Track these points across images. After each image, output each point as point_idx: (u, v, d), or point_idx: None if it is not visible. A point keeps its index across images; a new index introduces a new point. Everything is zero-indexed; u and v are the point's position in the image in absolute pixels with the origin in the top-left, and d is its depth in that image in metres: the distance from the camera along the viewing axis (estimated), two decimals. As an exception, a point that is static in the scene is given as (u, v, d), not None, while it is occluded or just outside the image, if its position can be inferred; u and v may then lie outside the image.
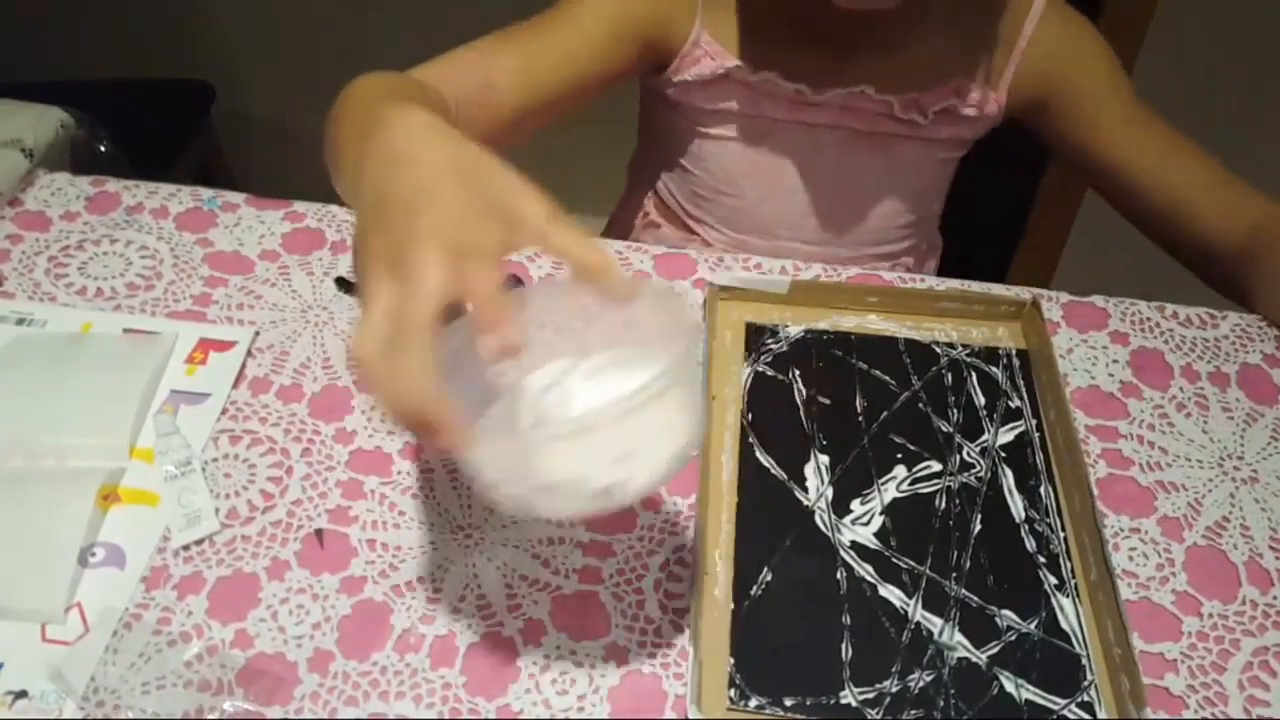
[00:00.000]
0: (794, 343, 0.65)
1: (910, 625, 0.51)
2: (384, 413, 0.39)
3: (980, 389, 0.62)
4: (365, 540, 0.53)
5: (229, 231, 0.69)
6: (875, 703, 0.49)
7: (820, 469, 0.58)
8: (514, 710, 0.48)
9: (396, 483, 0.56)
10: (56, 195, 0.71)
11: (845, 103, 0.74)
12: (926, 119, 0.74)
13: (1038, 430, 0.60)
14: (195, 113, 1.52)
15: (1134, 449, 0.60)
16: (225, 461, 0.56)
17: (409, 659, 0.49)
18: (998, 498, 0.57)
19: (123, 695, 0.46)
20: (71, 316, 0.63)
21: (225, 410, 0.59)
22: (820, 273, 0.69)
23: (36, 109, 0.77)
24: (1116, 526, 0.56)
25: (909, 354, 0.64)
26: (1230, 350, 0.66)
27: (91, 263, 0.67)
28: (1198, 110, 1.31)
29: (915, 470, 0.58)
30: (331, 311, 0.65)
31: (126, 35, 1.63)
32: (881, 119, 0.74)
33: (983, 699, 0.49)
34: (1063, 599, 0.53)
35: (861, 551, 0.54)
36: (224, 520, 0.54)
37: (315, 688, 0.48)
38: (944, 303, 0.66)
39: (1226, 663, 0.51)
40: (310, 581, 0.52)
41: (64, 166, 0.76)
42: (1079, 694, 0.49)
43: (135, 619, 0.50)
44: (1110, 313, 0.68)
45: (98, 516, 0.54)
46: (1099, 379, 0.64)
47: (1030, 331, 0.65)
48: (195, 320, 0.64)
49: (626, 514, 0.55)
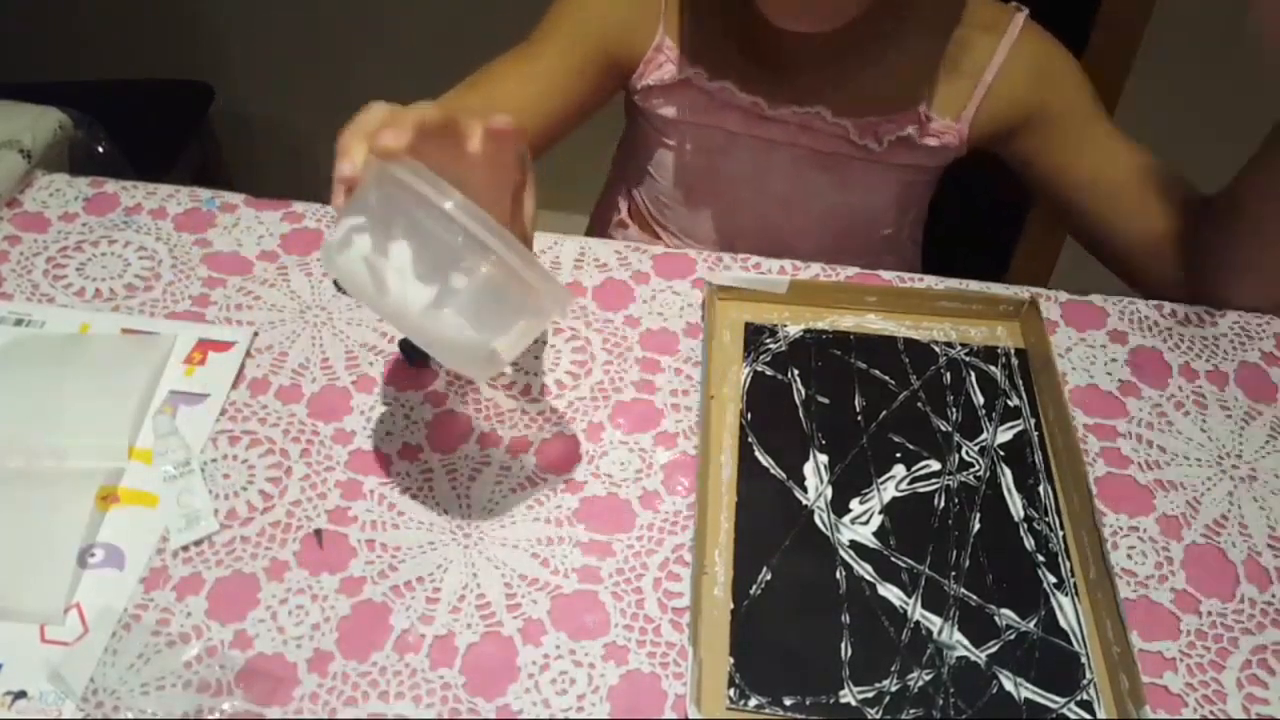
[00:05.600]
0: (793, 342, 0.65)
1: (909, 624, 0.51)
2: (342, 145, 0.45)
3: (979, 388, 0.62)
4: (364, 540, 0.53)
5: (227, 232, 0.69)
6: (875, 702, 0.49)
7: (819, 468, 0.58)
8: (514, 710, 0.48)
9: (396, 483, 0.56)
10: (55, 196, 0.71)
11: (801, 121, 0.74)
12: (881, 146, 0.74)
13: (1036, 429, 0.60)
14: (194, 113, 1.52)
15: (1132, 448, 0.60)
16: (224, 462, 0.56)
17: (409, 659, 0.49)
18: (996, 497, 0.57)
19: (122, 696, 0.46)
20: (70, 317, 0.63)
21: (224, 411, 0.59)
22: (819, 272, 0.69)
23: (35, 109, 0.77)
24: (1115, 525, 0.56)
25: (908, 353, 0.64)
26: (1229, 349, 0.66)
27: (90, 264, 0.67)
28: (1195, 113, 1.31)
29: (914, 469, 0.58)
30: (330, 312, 0.65)
31: (125, 36, 1.63)
32: (837, 141, 0.74)
33: (982, 698, 0.49)
34: (1062, 598, 0.53)
35: (861, 551, 0.54)
36: (223, 521, 0.54)
37: (315, 688, 0.48)
38: (943, 302, 0.67)
39: (1225, 661, 0.51)
40: (309, 582, 0.52)
41: (62, 167, 0.76)
42: (1078, 692, 0.49)
43: (134, 620, 0.50)
44: (1109, 311, 0.68)
45: (97, 517, 0.54)
46: (1097, 378, 0.64)
47: (1029, 330, 0.65)
48: (194, 321, 0.64)
49: (626, 514, 0.55)
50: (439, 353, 0.48)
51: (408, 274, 0.44)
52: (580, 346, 0.63)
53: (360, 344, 0.63)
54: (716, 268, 0.69)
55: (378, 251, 0.44)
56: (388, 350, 0.62)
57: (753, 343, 0.64)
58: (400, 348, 0.62)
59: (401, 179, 0.43)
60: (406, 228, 0.44)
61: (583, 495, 0.56)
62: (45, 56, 1.66)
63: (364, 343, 0.63)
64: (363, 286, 0.45)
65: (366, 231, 0.45)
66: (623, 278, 0.68)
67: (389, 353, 0.62)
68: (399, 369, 0.61)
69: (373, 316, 0.64)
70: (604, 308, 0.66)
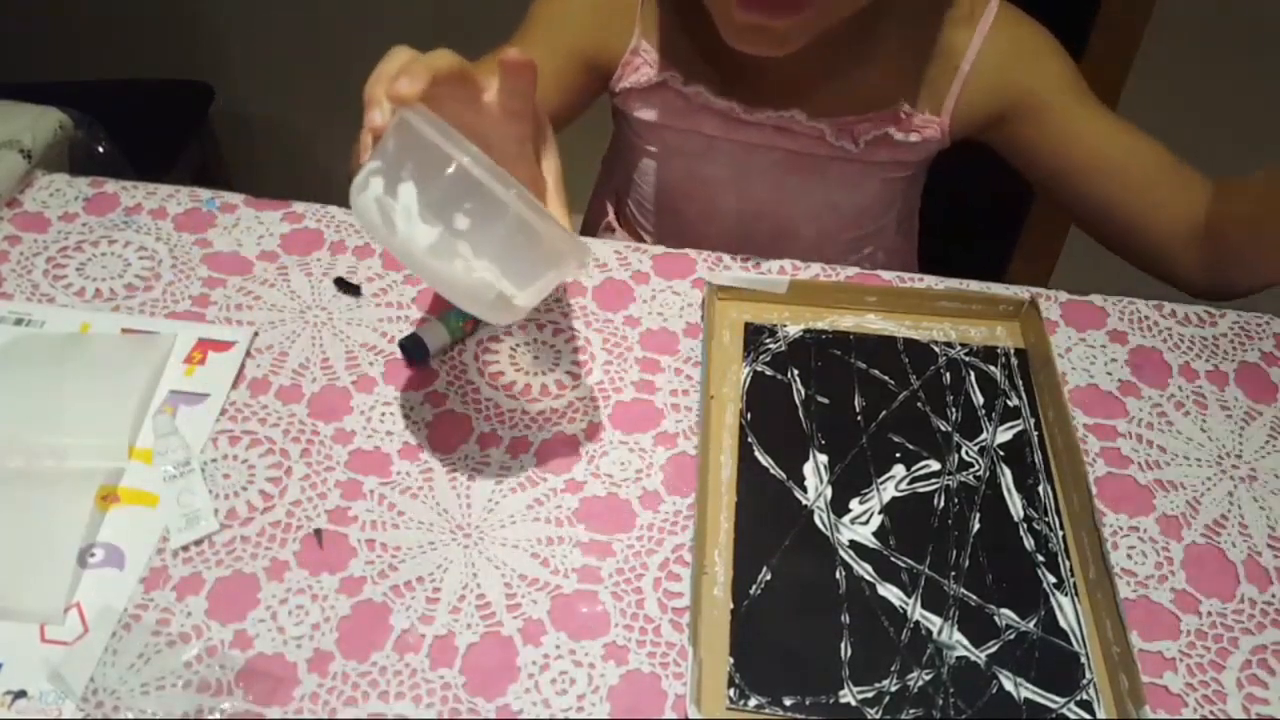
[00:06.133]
0: (793, 342, 0.65)
1: (909, 624, 0.51)
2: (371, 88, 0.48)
3: (979, 388, 0.62)
4: (364, 540, 0.53)
5: (227, 232, 0.69)
6: (874, 702, 0.49)
7: (819, 468, 0.58)
8: (514, 710, 0.48)
9: (396, 483, 0.56)
10: (55, 196, 0.71)
11: (778, 124, 0.74)
12: (858, 146, 0.74)
13: (1036, 429, 0.60)
14: (194, 113, 1.52)
15: (1132, 448, 0.60)
16: (224, 462, 0.56)
17: (408, 659, 0.49)
18: (996, 497, 0.57)
19: (122, 696, 0.46)
20: (70, 317, 0.63)
21: (224, 411, 0.59)
22: (819, 273, 0.69)
23: (35, 109, 0.77)
24: (1115, 525, 0.56)
25: (908, 353, 0.64)
26: (1229, 348, 0.66)
27: (90, 264, 0.67)
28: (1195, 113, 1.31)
29: (914, 469, 0.58)
30: (330, 312, 0.65)
31: (125, 35, 1.63)
32: (814, 142, 0.74)
33: (982, 698, 0.49)
34: (1061, 598, 0.53)
35: (860, 551, 0.54)
36: (223, 521, 0.54)
37: (315, 688, 0.48)
38: (942, 302, 0.67)
39: (1225, 661, 0.51)
40: (309, 582, 0.52)
41: (62, 167, 0.76)
42: (1078, 692, 0.49)
43: (134, 619, 0.50)
44: (1109, 311, 0.68)
45: (97, 517, 0.54)
46: (1097, 378, 0.64)
47: (1029, 330, 0.65)
48: (194, 321, 0.64)
49: (626, 514, 0.55)
50: (448, 294, 0.50)
51: (413, 215, 0.46)
52: (580, 346, 0.63)
53: (360, 344, 0.63)
54: (716, 268, 0.69)
55: (389, 193, 0.47)
56: (388, 350, 0.62)
57: (752, 343, 0.64)
58: (400, 347, 0.62)
59: (413, 125, 0.46)
60: (414, 171, 0.46)
61: (583, 495, 0.56)
62: (45, 56, 1.66)
63: (364, 343, 0.63)
64: (374, 226, 0.48)
65: (382, 175, 0.47)
66: (622, 278, 0.68)
67: (389, 353, 0.62)
68: (399, 369, 0.62)
69: (373, 316, 0.64)
70: (604, 308, 0.66)
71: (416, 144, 0.46)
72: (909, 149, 0.75)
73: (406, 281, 0.67)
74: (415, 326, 0.63)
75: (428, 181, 0.46)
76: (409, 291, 0.66)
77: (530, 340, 0.64)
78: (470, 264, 0.47)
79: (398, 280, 0.67)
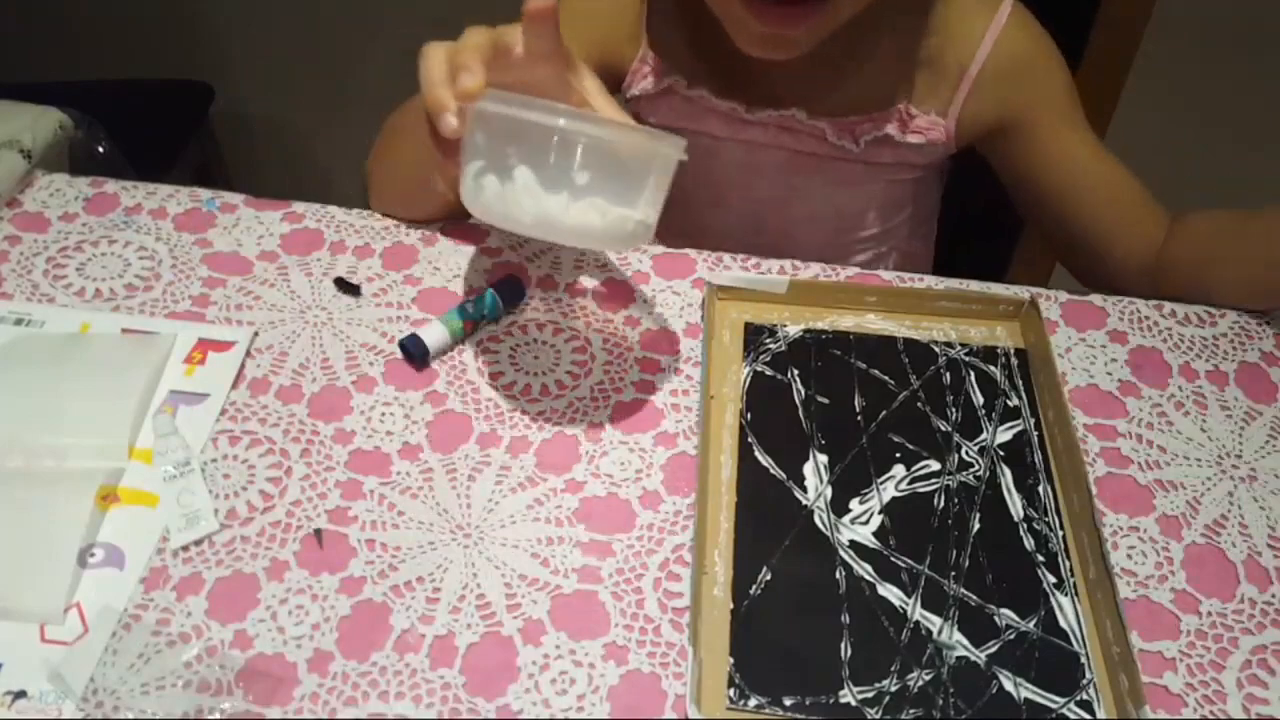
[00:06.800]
0: (793, 342, 0.65)
1: (909, 624, 0.51)
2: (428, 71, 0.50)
3: (979, 388, 0.62)
4: (364, 540, 0.53)
5: (228, 232, 0.69)
6: (874, 702, 0.49)
7: (819, 468, 0.58)
8: (514, 710, 0.48)
9: (396, 483, 0.56)
10: (55, 196, 0.71)
11: (780, 124, 0.74)
12: (859, 146, 0.74)
13: (1036, 429, 0.60)
14: (194, 113, 1.52)
15: (1132, 448, 0.60)
16: (224, 462, 0.56)
17: (408, 659, 0.49)
18: (996, 497, 0.57)
19: (122, 696, 0.46)
20: (70, 317, 0.63)
21: (224, 411, 0.59)
22: (819, 273, 0.69)
23: (35, 110, 0.77)
24: (1115, 525, 0.56)
25: (907, 353, 0.64)
26: (1228, 348, 0.66)
27: (90, 264, 0.67)
28: (1195, 113, 1.31)
29: (914, 469, 0.58)
30: (330, 312, 0.65)
31: (125, 35, 1.63)
32: (815, 142, 0.75)
33: (982, 698, 0.49)
34: (1061, 598, 0.53)
35: (860, 551, 0.54)
36: (223, 521, 0.54)
37: (315, 688, 0.48)
38: (942, 302, 0.67)
39: (1225, 661, 0.51)
40: (309, 582, 0.52)
41: (62, 167, 0.76)
42: (1078, 692, 0.49)
43: (134, 619, 0.50)
44: (1109, 311, 0.68)
45: (97, 517, 0.54)
46: (1097, 378, 0.64)
47: (1029, 330, 0.65)
48: (194, 321, 0.64)
49: (626, 514, 0.55)
50: (594, 242, 0.52)
51: (536, 190, 0.48)
52: (580, 346, 0.63)
53: (360, 344, 0.63)
54: (716, 268, 0.69)
55: (503, 182, 0.49)
56: (388, 350, 0.62)
57: (752, 343, 0.64)
58: (400, 347, 0.62)
59: (492, 112, 0.48)
60: (517, 151, 0.48)
61: (583, 495, 0.56)
62: (45, 56, 1.66)
63: (364, 343, 0.63)
64: (505, 219, 0.49)
65: (487, 171, 0.49)
66: (623, 278, 0.68)
67: (389, 353, 0.62)
68: (399, 369, 0.62)
69: (373, 316, 0.64)
70: (604, 308, 0.66)
71: (505, 127, 0.48)
72: (913, 151, 0.75)
73: (406, 281, 0.67)
74: (415, 326, 0.63)
75: (530, 154, 0.48)
76: (409, 291, 0.66)
77: (530, 340, 0.64)
78: (604, 209, 0.49)
79: (398, 280, 0.67)
